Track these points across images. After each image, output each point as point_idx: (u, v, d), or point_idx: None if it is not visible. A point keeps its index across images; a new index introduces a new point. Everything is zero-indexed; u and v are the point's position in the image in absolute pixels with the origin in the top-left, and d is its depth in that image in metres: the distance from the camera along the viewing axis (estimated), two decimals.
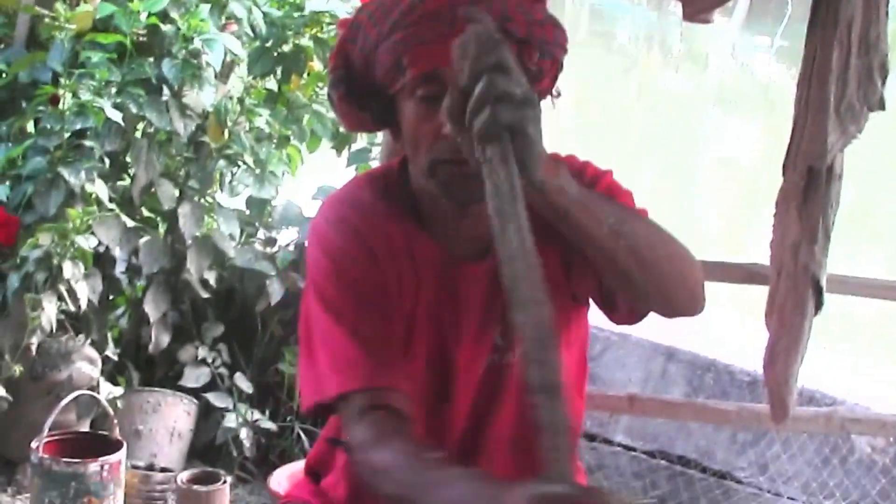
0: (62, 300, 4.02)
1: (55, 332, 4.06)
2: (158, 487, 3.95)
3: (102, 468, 3.73)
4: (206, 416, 4.33)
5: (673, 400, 3.57)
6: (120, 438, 3.88)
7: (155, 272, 4.26)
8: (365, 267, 1.92)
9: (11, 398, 3.90)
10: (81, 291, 4.03)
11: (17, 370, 3.93)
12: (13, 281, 3.89)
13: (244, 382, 4.36)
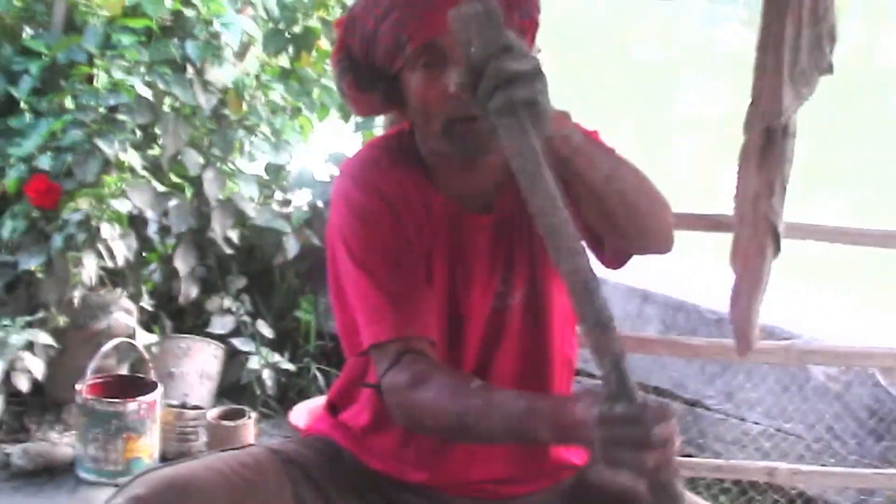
0: (101, 258, 4.01)
1: (95, 286, 4.07)
2: (190, 423, 3.97)
3: (140, 407, 3.75)
4: (231, 359, 4.34)
5: (648, 336, 3.58)
6: (155, 380, 3.90)
7: (183, 231, 4.26)
8: (389, 224, 1.91)
9: (58, 346, 3.91)
10: (118, 250, 4.03)
11: (62, 321, 3.96)
12: (56, 241, 3.88)
13: (265, 328, 4.37)
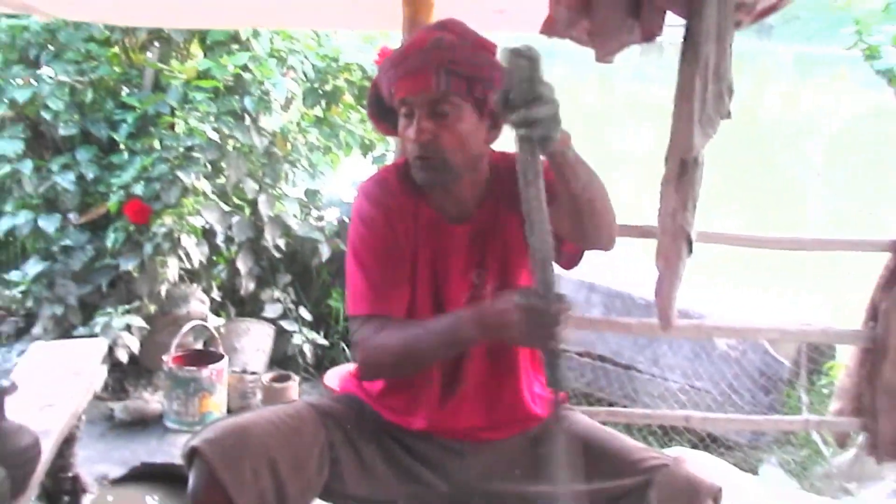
0: (181, 261, 4.01)
1: (177, 282, 4.07)
2: (249, 385, 3.97)
3: (211, 373, 3.74)
4: (280, 336, 4.33)
5: (594, 317, 3.58)
6: (223, 353, 3.89)
7: (243, 240, 4.24)
8: (384, 230, 1.93)
9: (148, 327, 3.91)
10: (194, 255, 4.03)
11: (152, 308, 3.94)
12: (148, 248, 3.87)
13: (305, 313, 4.35)
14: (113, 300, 3.96)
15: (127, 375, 4.04)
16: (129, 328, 3.81)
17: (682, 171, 2.16)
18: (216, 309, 4.31)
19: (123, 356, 3.75)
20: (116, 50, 4.22)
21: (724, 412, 3.59)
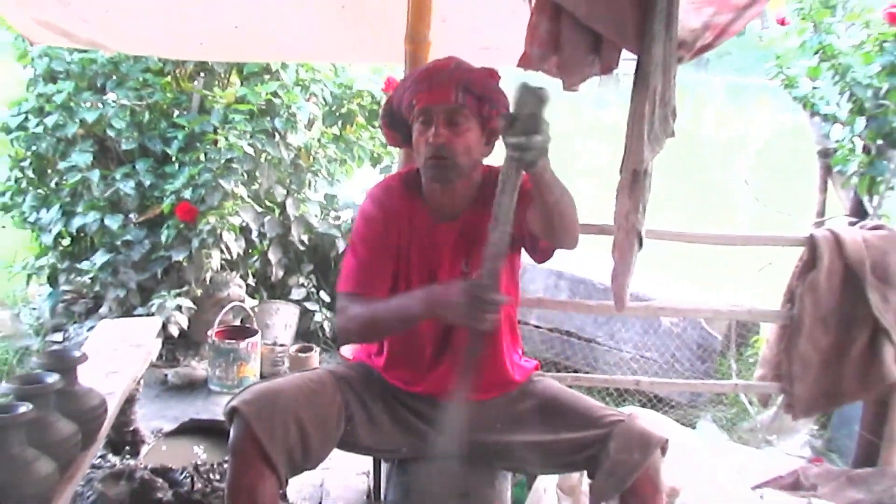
0: (222, 253, 4.01)
1: (219, 270, 4.06)
2: (279, 355, 3.96)
3: (248, 345, 3.74)
4: (304, 315, 4.32)
5: (561, 300, 3.58)
6: (257, 329, 3.88)
7: (273, 236, 4.23)
8: (379, 228, 1.94)
9: (196, 307, 3.90)
10: (233, 247, 4.02)
11: (198, 292, 3.94)
12: (195, 242, 3.86)
13: (325, 296, 4.34)
14: (166, 285, 3.95)
15: (178, 347, 4.04)
16: (179, 308, 3.81)
17: (634, 179, 2.16)
18: (251, 292, 4.30)
19: (175, 331, 3.75)
20: (169, 79, 4.20)
21: (668, 378, 3.60)
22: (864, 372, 2.81)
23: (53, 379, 1.85)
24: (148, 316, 3.65)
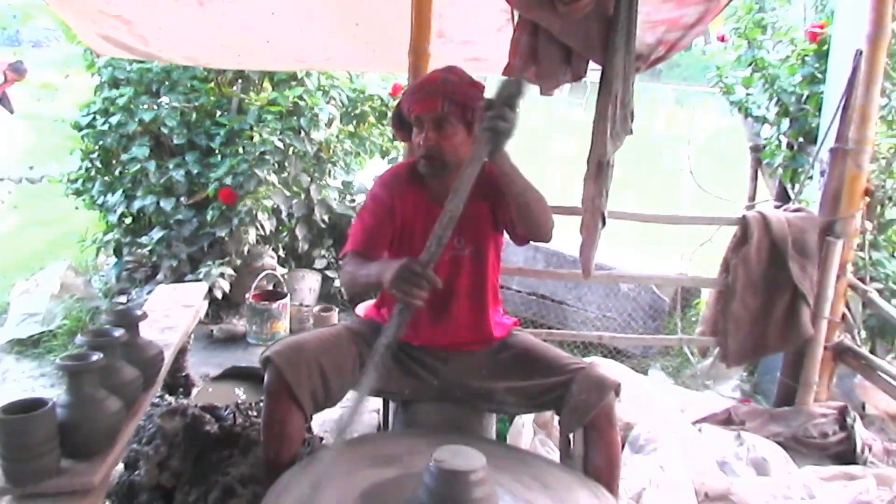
0: (258, 230, 4.01)
1: (255, 244, 4.06)
2: (304, 314, 3.97)
3: (279, 306, 3.75)
4: (325, 281, 4.33)
5: (538, 269, 3.59)
6: (286, 292, 3.89)
7: (300, 216, 4.24)
8: (383, 202, 1.91)
9: (236, 275, 3.90)
10: (266, 225, 4.02)
11: (238, 262, 3.94)
12: (235, 221, 3.87)
13: None
14: (211, 256, 3.95)
15: (221, 307, 4.04)
16: (222, 275, 3.81)
17: (598, 169, 2.14)
18: (281, 262, 4.30)
19: (219, 294, 3.76)
20: (212, 85, 4.17)
21: (625, 333, 3.61)
22: (785, 329, 2.83)
23: (119, 333, 1.85)
24: (196, 281, 3.64)
